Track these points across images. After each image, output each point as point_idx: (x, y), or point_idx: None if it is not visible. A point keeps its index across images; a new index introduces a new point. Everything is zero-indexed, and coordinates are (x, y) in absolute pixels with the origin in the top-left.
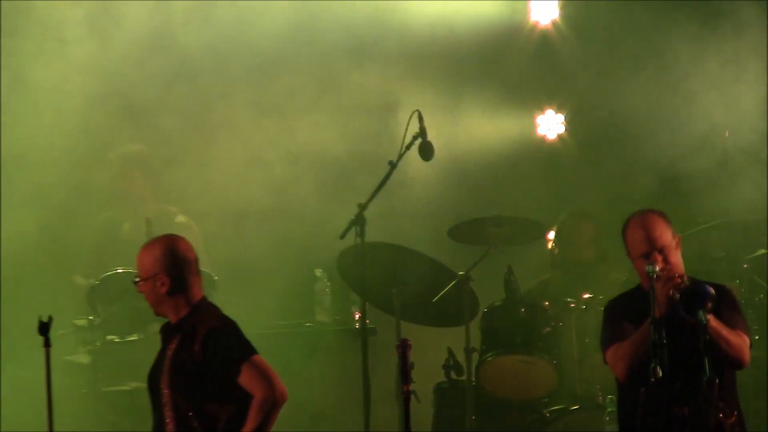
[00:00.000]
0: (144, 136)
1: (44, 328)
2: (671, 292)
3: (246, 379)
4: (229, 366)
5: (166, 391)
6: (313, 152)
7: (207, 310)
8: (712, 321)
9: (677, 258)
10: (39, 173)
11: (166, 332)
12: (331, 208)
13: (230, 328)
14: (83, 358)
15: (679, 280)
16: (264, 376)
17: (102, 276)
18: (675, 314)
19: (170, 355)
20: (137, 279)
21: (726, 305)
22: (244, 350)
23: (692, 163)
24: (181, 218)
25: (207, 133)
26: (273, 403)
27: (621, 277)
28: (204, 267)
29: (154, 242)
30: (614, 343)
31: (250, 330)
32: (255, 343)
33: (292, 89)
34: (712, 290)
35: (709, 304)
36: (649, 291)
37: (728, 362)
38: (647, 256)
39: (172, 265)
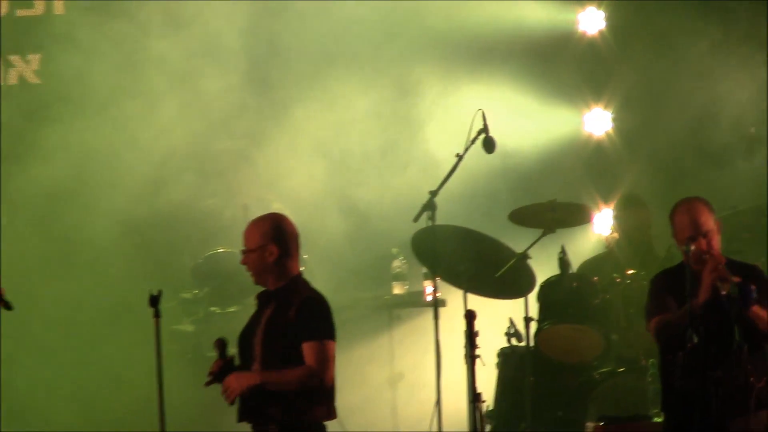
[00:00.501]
0: (240, 133)
1: (154, 301)
2: (717, 282)
3: (309, 352)
4: (307, 333)
5: (258, 348)
6: (383, 147)
7: (304, 283)
8: (754, 309)
9: (718, 242)
10: (156, 166)
11: (263, 299)
12: (403, 195)
13: (324, 304)
14: (188, 327)
15: (725, 274)
16: (325, 359)
17: (206, 255)
18: (715, 297)
19: (266, 319)
20: (246, 250)
21: (757, 283)
22: (326, 331)
23: (729, 155)
24: (276, 205)
25: (290, 129)
26: (317, 381)
27: (660, 255)
28: None
29: (264, 217)
30: (657, 314)
31: (336, 301)
32: (341, 314)
33: (364, 85)
34: (753, 288)
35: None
36: (686, 268)
37: (762, 336)
38: (693, 240)
39: (280, 237)
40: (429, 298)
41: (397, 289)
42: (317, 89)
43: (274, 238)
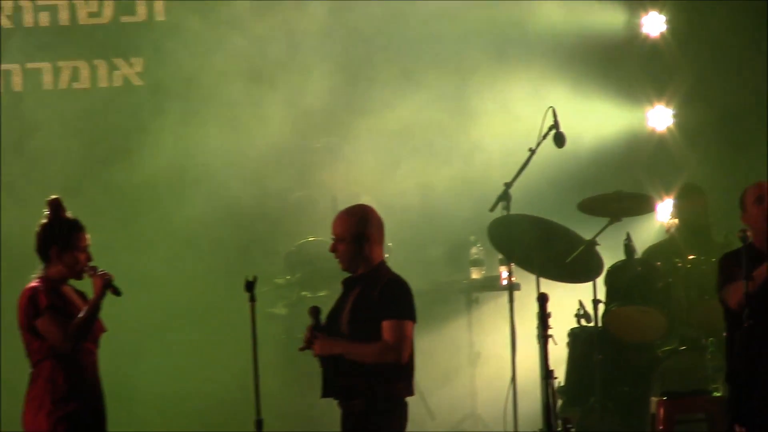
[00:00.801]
0: (332, 130)
1: (250, 286)
2: None
3: (388, 329)
4: (387, 312)
5: (345, 328)
6: (462, 143)
7: (387, 269)
8: None
9: None
10: (256, 161)
11: (349, 283)
12: (479, 187)
13: (405, 287)
14: (281, 311)
15: None
16: (402, 337)
17: (298, 243)
18: None
19: (352, 300)
20: (335, 239)
21: None
22: (406, 311)
23: None
24: (365, 198)
25: (377, 126)
26: (393, 356)
27: (718, 240)
28: None
29: (352, 208)
30: (728, 283)
31: (418, 286)
32: (422, 297)
33: (445, 84)
34: None
35: None
36: (743, 251)
37: None
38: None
39: (370, 226)
40: (504, 282)
41: (475, 274)
42: (402, 88)
43: (361, 228)
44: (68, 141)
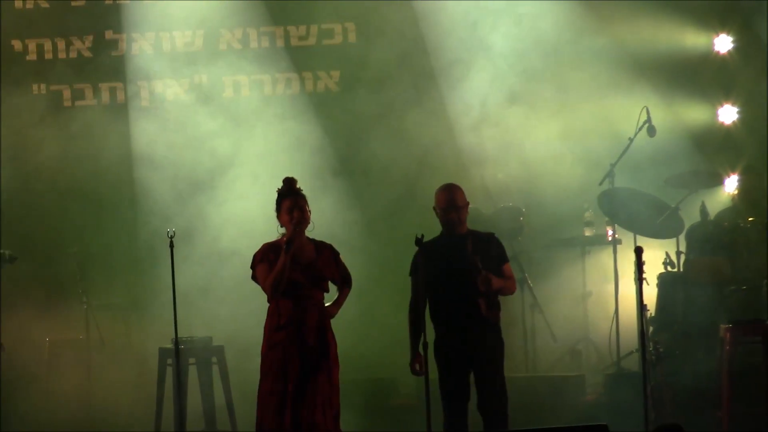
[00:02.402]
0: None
1: (419, 242)
2: None
3: (510, 270)
4: (505, 257)
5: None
6: (573, 134)
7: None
8: None
9: None
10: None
11: (461, 238)
12: (593, 165)
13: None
14: None
15: None
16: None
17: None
18: None
19: (471, 250)
20: (464, 206)
21: None
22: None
23: None
24: (500, 176)
25: (535, 115)
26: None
27: None
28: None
29: (456, 185)
30: None
31: (545, 240)
32: (550, 249)
33: (535, 87)
34: None
35: None
36: None
37: None
38: None
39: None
40: (609, 238)
41: (587, 232)
42: (541, 89)
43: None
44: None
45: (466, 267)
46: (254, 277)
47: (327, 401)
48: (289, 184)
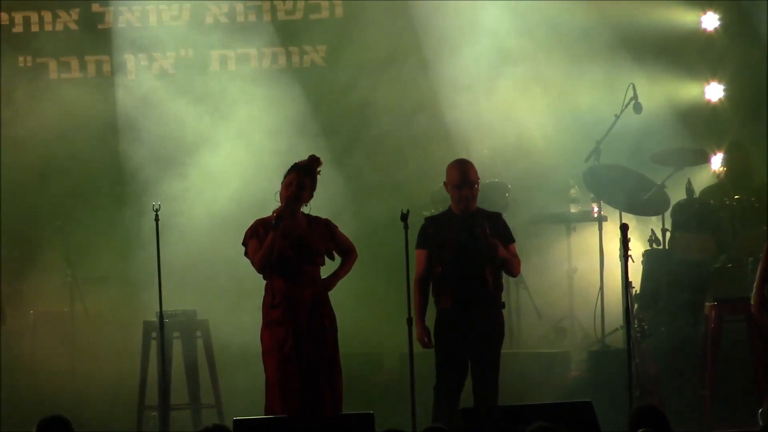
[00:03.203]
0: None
1: (404, 217)
2: None
3: (515, 249)
4: (511, 237)
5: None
6: (559, 111)
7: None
8: None
9: None
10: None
11: (469, 217)
12: (576, 142)
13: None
14: None
15: None
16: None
17: (440, 185)
18: None
19: (481, 228)
20: (476, 183)
21: None
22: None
23: None
24: (486, 152)
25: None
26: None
27: (758, 184)
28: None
29: (469, 161)
30: None
31: (531, 216)
32: (535, 226)
33: (522, 63)
34: None
35: None
36: None
37: None
38: None
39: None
40: (595, 215)
41: (573, 209)
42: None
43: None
44: None
45: (477, 244)
46: (246, 254)
47: (328, 377)
48: (309, 161)
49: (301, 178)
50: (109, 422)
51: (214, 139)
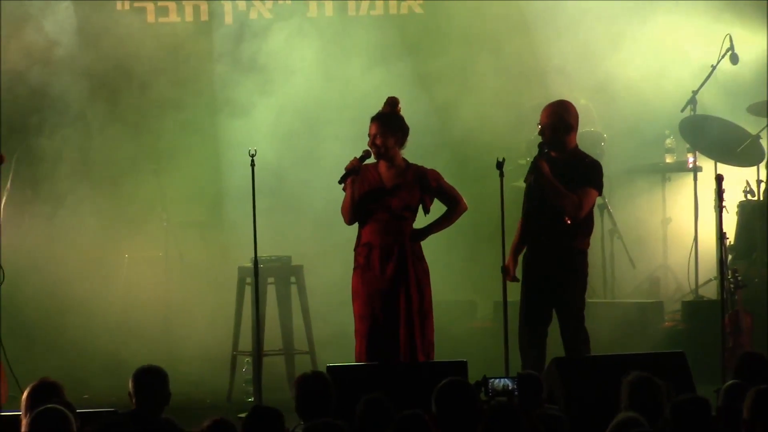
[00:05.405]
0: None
1: (500, 165)
2: None
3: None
4: (579, 179)
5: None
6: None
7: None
8: None
9: None
10: None
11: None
12: (672, 92)
13: (600, 166)
14: (521, 184)
15: None
16: (590, 203)
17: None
18: None
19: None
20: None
21: None
22: (600, 183)
23: None
24: (583, 101)
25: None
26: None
27: None
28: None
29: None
30: None
31: (627, 166)
32: (630, 175)
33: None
34: None
35: None
36: None
37: None
38: None
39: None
40: (690, 165)
41: (668, 159)
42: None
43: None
44: None
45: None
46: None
47: (420, 327)
48: (388, 105)
49: (382, 128)
50: (203, 367)
51: (313, 85)
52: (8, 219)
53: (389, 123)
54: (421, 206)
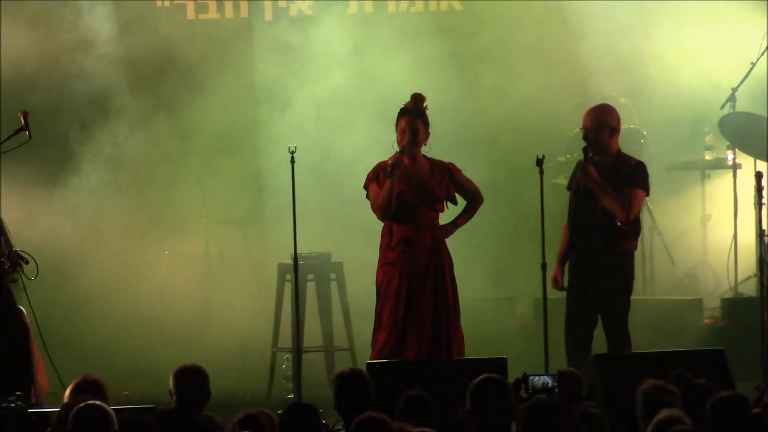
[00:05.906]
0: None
1: (539, 162)
2: None
3: (639, 200)
4: (624, 180)
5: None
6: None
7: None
8: None
9: None
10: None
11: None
12: (711, 89)
13: (645, 167)
14: (562, 181)
15: None
16: (639, 204)
17: (575, 131)
18: None
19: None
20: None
21: None
22: (646, 183)
23: None
24: (623, 100)
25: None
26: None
27: None
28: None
29: (610, 105)
30: None
31: (665, 163)
32: (672, 171)
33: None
34: None
35: None
36: None
37: None
38: None
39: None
40: (729, 162)
41: (708, 156)
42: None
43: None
44: None
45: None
46: (368, 197)
47: (447, 323)
48: (414, 102)
49: (413, 122)
50: (243, 363)
51: (353, 81)
52: (46, 215)
53: (418, 115)
54: (447, 199)
